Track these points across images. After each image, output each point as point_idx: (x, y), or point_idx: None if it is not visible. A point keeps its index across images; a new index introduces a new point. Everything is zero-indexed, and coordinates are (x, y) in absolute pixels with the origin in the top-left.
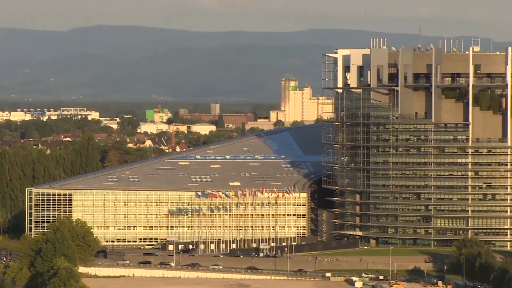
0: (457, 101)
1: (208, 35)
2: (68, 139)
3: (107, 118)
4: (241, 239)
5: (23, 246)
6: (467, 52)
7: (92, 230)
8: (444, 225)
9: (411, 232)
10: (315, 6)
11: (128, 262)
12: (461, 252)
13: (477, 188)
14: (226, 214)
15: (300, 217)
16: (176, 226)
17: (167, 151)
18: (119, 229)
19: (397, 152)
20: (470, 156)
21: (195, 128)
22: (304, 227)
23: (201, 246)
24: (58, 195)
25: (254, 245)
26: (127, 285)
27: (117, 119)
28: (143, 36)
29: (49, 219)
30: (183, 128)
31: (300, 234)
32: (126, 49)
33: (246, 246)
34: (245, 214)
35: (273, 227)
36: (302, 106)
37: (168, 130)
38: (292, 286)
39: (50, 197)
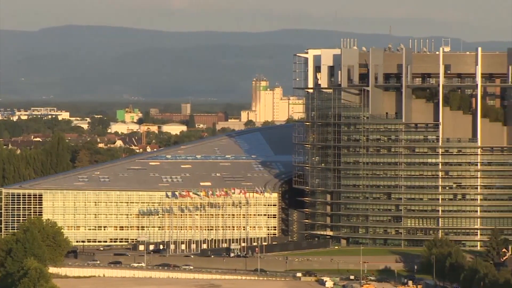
0: (428, 101)
1: (179, 35)
2: (38, 139)
3: (78, 118)
4: (212, 239)
5: None
6: (437, 53)
7: (62, 230)
8: (415, 225)
9: (382, 232)
10: (285, 6)
11: (98, 262)
12: (431, 252)
13: (447, 188)
14: (197, 214)
15: (271, 217)
16: (146, 226)
17: (137, 151)
18: (89, 229)
19: (368, 152)
20: (440, 156)
21: (166, 128)
22: (275, 227)
23: (172, 246)
24: (28, 195)
25: (225, 245)
26: (97, 285)
27: (88, 119)
28: (114, 36)
29: (20, 219)
30: (154, 128)
31: (271, 234)
32: (96, 49)
33: (217, 246)
34: (216, 214)
35: (244, 227)
36: (273, 106)
37: (138, 130)
38: (263, 286)
39: (20, 197)
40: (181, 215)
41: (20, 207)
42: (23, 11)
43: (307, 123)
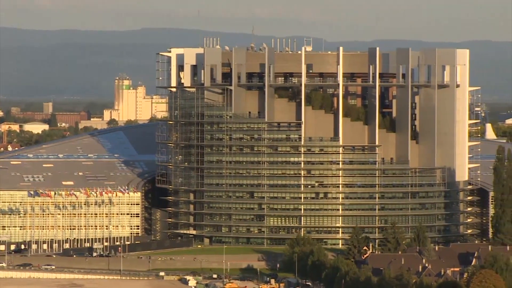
0: (290, 101)
1: (41, 34)
2: None
3: None
4: (74, 238)
5: None
6: (299, 52)
7: None
8: (277, 224)
9: (245, 230)
10: (148, 4)
11: None
12: (293, 250)
13: (309, 186)
14: (59, 214)
15: (133, 216)
16: (8, 226)
17: None
18: None
19: (231, 151)
20: (302, 155)
21: (28, 127)
22: (138, 226)
23: (34, 246)
24: None
25: (87, 244)
26: None
27: None
28: None
29: None
30: (15, 127)
31: (133, 234)
32: None
33: (79, 246)
34: (78, 214)
35: (106, 226)
36: (136, 105)
37: None
38: (126, 285)
39: None
40: (43, 214)
41: None
42: None
43: (170, 122)
